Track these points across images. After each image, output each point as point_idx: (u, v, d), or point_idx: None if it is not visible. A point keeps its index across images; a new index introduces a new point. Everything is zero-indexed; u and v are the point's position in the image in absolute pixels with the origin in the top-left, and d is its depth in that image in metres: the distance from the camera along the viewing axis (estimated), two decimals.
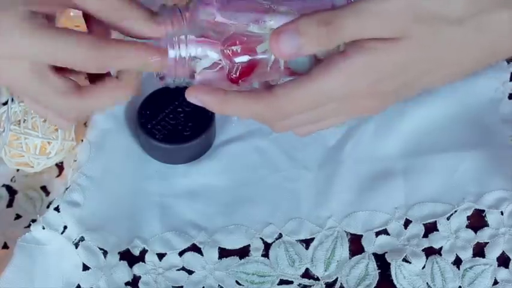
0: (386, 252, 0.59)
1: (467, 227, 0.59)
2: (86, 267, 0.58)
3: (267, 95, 0.45)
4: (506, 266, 0.57)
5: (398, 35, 0.42)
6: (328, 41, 0.42)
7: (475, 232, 0.59)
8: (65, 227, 0.58)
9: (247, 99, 0.46)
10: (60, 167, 0.65)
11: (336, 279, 0.58)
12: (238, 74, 0.48)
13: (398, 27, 0.42)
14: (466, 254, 0.58)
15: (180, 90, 0.65)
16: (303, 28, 0.42)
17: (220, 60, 0.47)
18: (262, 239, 0.60)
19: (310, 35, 0.42)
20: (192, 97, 0.47)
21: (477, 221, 0.60)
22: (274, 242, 0.60)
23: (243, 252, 0.60)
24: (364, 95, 0.45)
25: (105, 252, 0.59)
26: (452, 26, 0.42)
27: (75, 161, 0.62)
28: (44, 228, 0.57)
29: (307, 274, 0.59)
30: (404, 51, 0.43)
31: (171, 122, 0.64)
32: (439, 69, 0.45)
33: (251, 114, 0.47)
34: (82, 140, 0.63)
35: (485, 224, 0.59)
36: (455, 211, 0.60)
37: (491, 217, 0.59)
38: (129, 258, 0.59)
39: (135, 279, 0.59)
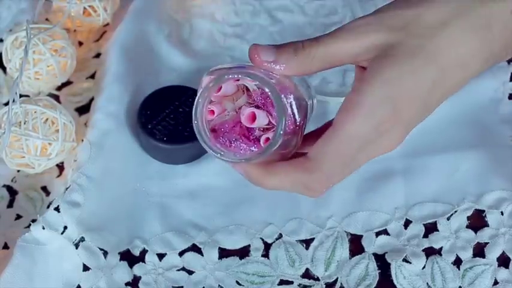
0: (386, 253, 0.59)
1: (467, 227, 0.59)
2: (86, 268, 0.58)
3: (303, 160, 0.45)
4: (507, 266, 0.57)
5: (385, 47, 0.44)
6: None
7: (475, 232, 0.59)
8: (65, 227, 0.58)
9: (287, 166, 0.46)
10: (60, 167, 0.65)
11: (336, 279, 0.58)
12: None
13: (375, 39, 0.44)
14: (466, 254, 0.58)
15: (180, 91, 0.66)
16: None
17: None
18: (263, 239, 0.60)
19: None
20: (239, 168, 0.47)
21: (477, 221, 0.60)
22: (274, 242, 0.60)
23: (243, 253, 0.60)
24: (388, 126, 0.45)
25: (105, 253, 0.59)
26: (436, 28, 0.44)
27: (75, 161, 0.62)
28: (44, 228, 0.57)
29: (307, 274, 0.59)
30: (404, 62, 0.44)
31: (172, 122, 0.64)
32: (445, 77, 0.45)
33: (292, 182, 0.46)
34: (82, 140, 0.63)
35: (485, 224, 0.59)
36: (456, 211, 0.60)
37: (491, 217, 0.59)
38: (130, 258, 0.59)
39: (135, 280, 0.59)
